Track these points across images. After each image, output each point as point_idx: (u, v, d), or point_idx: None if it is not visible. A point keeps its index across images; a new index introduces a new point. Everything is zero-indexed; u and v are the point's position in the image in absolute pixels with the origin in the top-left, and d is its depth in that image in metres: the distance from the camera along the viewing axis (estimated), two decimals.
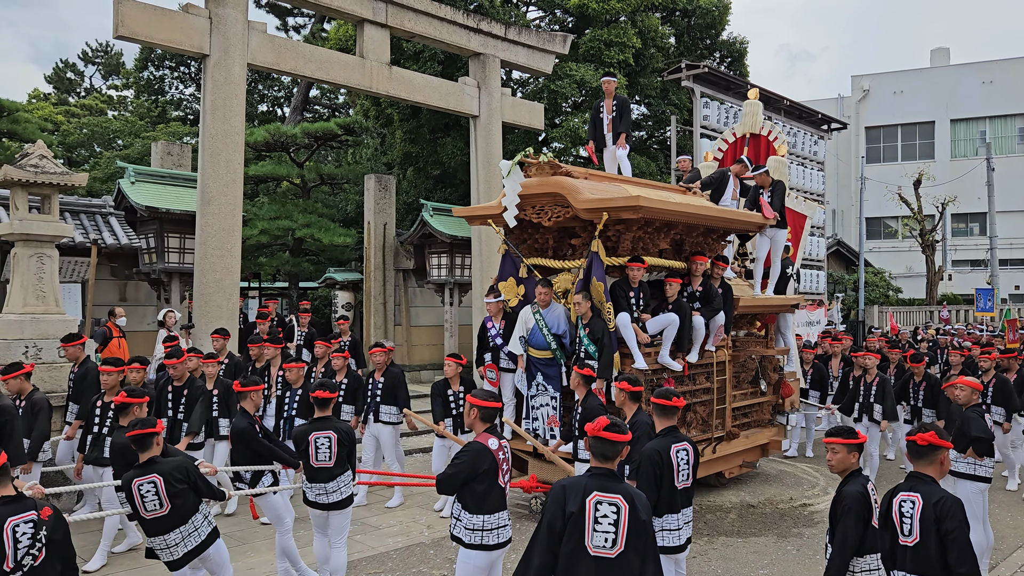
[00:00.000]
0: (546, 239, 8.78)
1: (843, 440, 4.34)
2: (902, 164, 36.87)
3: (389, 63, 13.89)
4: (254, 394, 6.31)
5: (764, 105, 17.15)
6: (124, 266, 14.97)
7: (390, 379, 8.68)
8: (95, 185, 22.27)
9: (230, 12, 11.60)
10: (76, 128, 29.59)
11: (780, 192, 10.26)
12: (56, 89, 39.08)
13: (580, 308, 7.74)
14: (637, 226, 8.08)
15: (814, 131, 19.16)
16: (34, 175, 9.22)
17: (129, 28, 10.75)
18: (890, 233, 38.08)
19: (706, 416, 8.98)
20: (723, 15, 23.34)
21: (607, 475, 3.82)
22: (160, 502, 4.90)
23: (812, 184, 18.66)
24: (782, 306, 10.54)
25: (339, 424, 5.98)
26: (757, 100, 13.15)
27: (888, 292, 29.19)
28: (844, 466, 4.35)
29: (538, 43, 16.32)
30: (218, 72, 11.55)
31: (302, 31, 29.50)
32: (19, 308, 9.24)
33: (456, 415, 8.21)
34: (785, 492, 9.52)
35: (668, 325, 8.15)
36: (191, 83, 30.56)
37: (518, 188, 8.13)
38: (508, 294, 8.68)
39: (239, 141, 11.85)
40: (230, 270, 11.69)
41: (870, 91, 38.57)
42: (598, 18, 20.65)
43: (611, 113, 10.37)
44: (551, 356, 8.04)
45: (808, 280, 18.40)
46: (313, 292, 22.72)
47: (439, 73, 18.30)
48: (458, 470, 4.68)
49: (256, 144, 18.74)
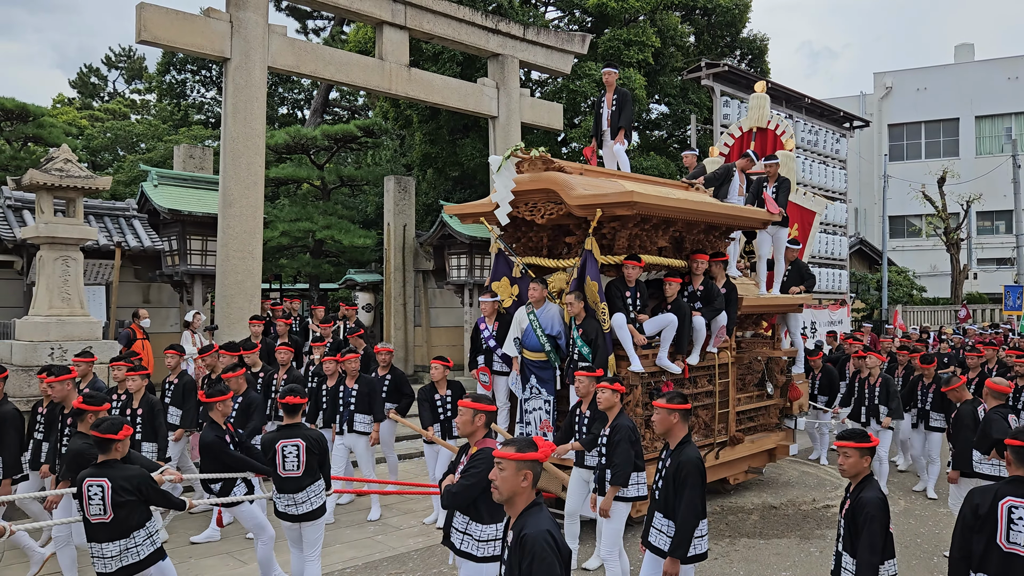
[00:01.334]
0: (540, 237, 8.49)
1: (856, 444, 4.27)
2: (926, 162, 36.44)
3: (408, 65, 13.93)
4: (221, 404, 6.10)
5: (785, 103, 17.03)
6: (147, 268, 15.12)
7: (364, 386, 8.25)
8: (119, 188, 22.50)
9: (250, 16, 11.69)
10: (100, 132, 29.93)
11: (786, 188, 9.90)
12: (80, 94, 39.56)
13: (573, 308, 7.44)
14: (633, 223, 7.74)
15: (836, 129, 18.98)
16: (59, 179, 9.34)
17: (151, 33, 10.87)
18: (914, 232, 37.64)
19: (708, 420, 8.67)
20: (743, 13, 23.19)
21: None
22: (104, 508, 4.73)
23: (834, 183, 18.49)
24: (789, 306, 10.15)
25: (309, 431, 5.73)
26: (764, 93, 12.61)
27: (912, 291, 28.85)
28: (856, 470, 4.29)
29: (557, 43, 16.31)
30: (239, 75, 11.64)
31: (322, 34, 29.67)
32: (45, 310, 9.36)
33: (444, 420, 7.93)
34: (808, 493, 9.44)
35: (666, 326, 7.82)
36: (212, 86, 30.83)
37: (511, 184, 7.82)
38: (502, 294, 8.38)
39: (260, 144, 11.93)
40: (251, 272, 11.77)
41: (893, 88, 38.16)
42: (617, 17, 20.60)
43: (611, 107, 9.92)
44: (545, 358, 7.75)
45: (830, 279, 18.22)
46: (333, 293, 22.83)
47: (458, 74, 18.34)
48: (475, 480, 4.44)
49: (277, 147, 18.88)
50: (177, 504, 5.28)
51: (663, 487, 4.92)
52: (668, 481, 4.87)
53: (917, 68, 38.57)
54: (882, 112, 38.10)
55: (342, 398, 8.29)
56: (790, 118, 17.07)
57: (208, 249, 14.03)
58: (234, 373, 7.45)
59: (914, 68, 38.66)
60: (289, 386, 5.85)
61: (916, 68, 38.58)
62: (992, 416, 6.64)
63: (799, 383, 10.32)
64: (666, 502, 4.89)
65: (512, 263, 8.36)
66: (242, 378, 7.65)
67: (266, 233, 14.56)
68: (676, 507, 4.81)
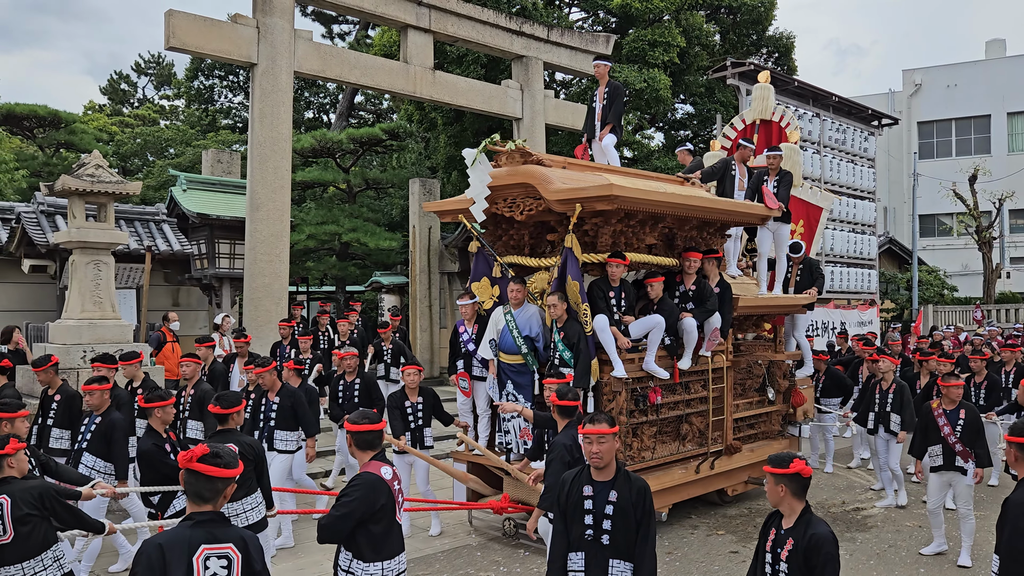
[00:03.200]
0: (522, 235, 8.04)
1: (773, 469, 3.77)
2: (956, 159, 35.88)
3: (432, 68, 13.99)
4: (160, 410, 5.76)
5: (812, 102, 16.84)
6: (177, 272, 15.32)
7: (287, 398, 7.34)
8: (148, 193, 22.84)
9: (277, 21, 11.80)
10: (130, 138, 30.39)
11: (787, 182, 9.35)
12: (111, 100, 40.20)
13: (555, 311, 6.99)
14: (616, 218, 7.25)
15: (864, 127, 18.73)
16: (90, 184, 9.49)
17: (180, 40, 11.02)
18: (945, 230, 37.07)
19: (703, 428, 8.16)
20: (769, 11, 23.02)
21: (212, 520, 3.07)
22: (3, 528, 4.31)
23: (862, 182, 18.26)
24: (791, 306, 9.51)
25: (243, 438, 5.30)
26: (768, 83, 11.90)
27: (943, 291, 28.43)
28: (776, 499, 3.78)
29: (581, 44, 16.29)
30: (266, 80, 11.76)
31: (347, 38, 29.88)
32: (77, 314, 9.51)
33: (414, 428, 7.52)
34: (836, 496, 9.33)
35: (653, 328, 7.30)
36: (240, 92, 31.17)
37: (487, 179, 7.37)
38: (482, 296, 7.93)
39: (286, 148, 12.04)
40: (279, 275, 11.88)
41: (922, 85, 37.63)
42: (642, 18, 20.53)
43: (602, 101, 9.41)
44: (522, 361, 7.32)
45: (859, 279, 18.00)
46: (360, 295, 22.98)
47: (482, 76, 18.38)
48: (350, 509, 3.81)
49: (303, 150, 19.04)
50: (94, 526, 4.80)
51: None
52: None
53: (947, 64, 38.00)
54: (911, 110, 37.59)
55: (262, 412, 7.44)
56: (817, 116, 16.89)
57: (236, 252, 14.19)
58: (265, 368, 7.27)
59: (944, 64, 38.09)
60: (219, 393, 5.59)
61: (946, 64, 38.01)
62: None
63: (803, 388, 9.72)
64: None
65: (492, 262, 7.96)
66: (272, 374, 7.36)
67: (293, 236, 14.70)
68: None
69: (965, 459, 6.94)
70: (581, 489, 4.02)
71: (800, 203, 11.76)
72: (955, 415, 7.07)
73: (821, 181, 16.77)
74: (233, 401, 5.40)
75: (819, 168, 16.72)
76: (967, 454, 6.94)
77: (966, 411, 7.07)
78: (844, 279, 17.40)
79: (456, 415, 8.12)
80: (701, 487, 8.14)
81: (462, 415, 8.03)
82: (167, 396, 5.93)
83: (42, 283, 14.06)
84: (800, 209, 11.83)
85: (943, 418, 7.07)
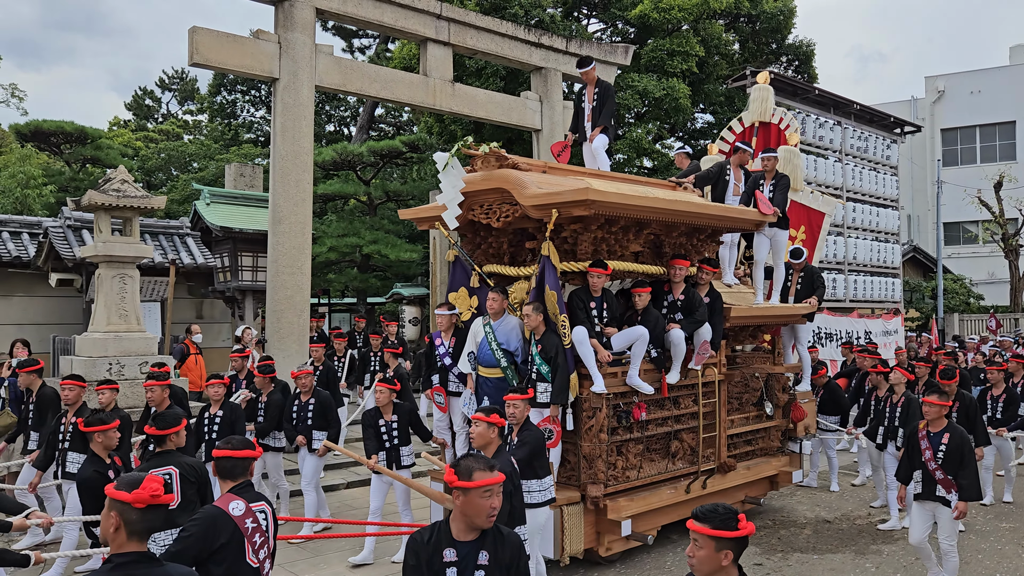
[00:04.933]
0: (501, 243, 7.64)
1: (711, 531, 2.91)
2: (981, 166, 35.47)
3: (452, 80, 14.08)
4: (101, 435, 5.47)
5: (833, 110, 16.75)
6: (200, 285, 15.47)
7: (229, 413, 7.29)
8: (172, 207, 23.12)
9: (298, 36, 11.94)
10: (154, 153, 30.82)
11: (784, 187, 8.93)
12: (135, 116, 40.80)
13: (530, 321, 6.62)
14: (596, 225, 6.87)
15: (887, 135, 18.60)
16: (116, 199, 9.63)
17: (203, 56, 11.17)
18: (970, 238, 36.64)
19: (695, 445, 7.68)
20: (788, 19, 22.94)
21: (135, 563, 2.78)
22: None
23: (885, 190, 18.12)
24: (789, 316, 8.96)
25: (184, 460, 5.01)
26: (767, 85, 11.35)
27: (969, 299, 28.08)
28: (710, 569, 2.94)
29: (599, 55, 16.32)
30: (287, 95, 11.89)
31: (367, 52, 30.15)
32: (103, 327, 9.63)
33: (389, 448, 7.16)
34: (862, 508, 9.22)
35: (636, 340, 6.90)
36: (262, 106, 31.52)
37: (459, 184, 7.04)
38: (460, 307, 7.56)
39: (308, 161, 12.15)
40: (301, 287, 11.97)
41: (945, 92, 37.29)
42: (660, 28, 20.54)
43: (592, 102, 8.99)
44: (501, 375, 6.91)
45: (883, 288, 17.83)
46: (380, 307, 23.08)
47: (501, 88, 18.46)
48: (184, 547, 3.51)
49: (324, 163, 19.20)
50: (15, 560, 4.54)
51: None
52: None
53: (970, 71, 37.63)
54: (935, 116, 37.24)
55: (206, 425, 7.46)
56: (838, 125, 16.79)
57: (259, 265, 14.33)
58: None
59: (968, 71, 37.73)
60: (156, 414, 5.28)
61: (969, 71, 37.64)
62: None
63: (804, 402, 9.18)
64: None
65: (471, 271, 7.59)
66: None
67: (314, 248, 14.81)
68: None
69: (947, 489, 6.14)
70: (441, 553, 3.20)
71: (801, 208, 11.32)
72: (938, 439, 6.23)
73: (843, 189, 16.66)
74: (171, 422, 5.02)
75: (841, 176, 16.61)
76: (949, 483, 6.14)
77: (951, 435, 6.22)
78: (867, 288, 17.23)
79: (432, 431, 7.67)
80: (693, 507, 7.70)
81: (439, 432, 7.62)
82: (109, 420, 5.68)
83: (69, 296, 14.26)
84: (801, 215, 11.36)
85: (925, 440, 6.31)
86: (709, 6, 20.33)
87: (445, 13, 13.70)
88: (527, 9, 19.05)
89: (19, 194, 20.60)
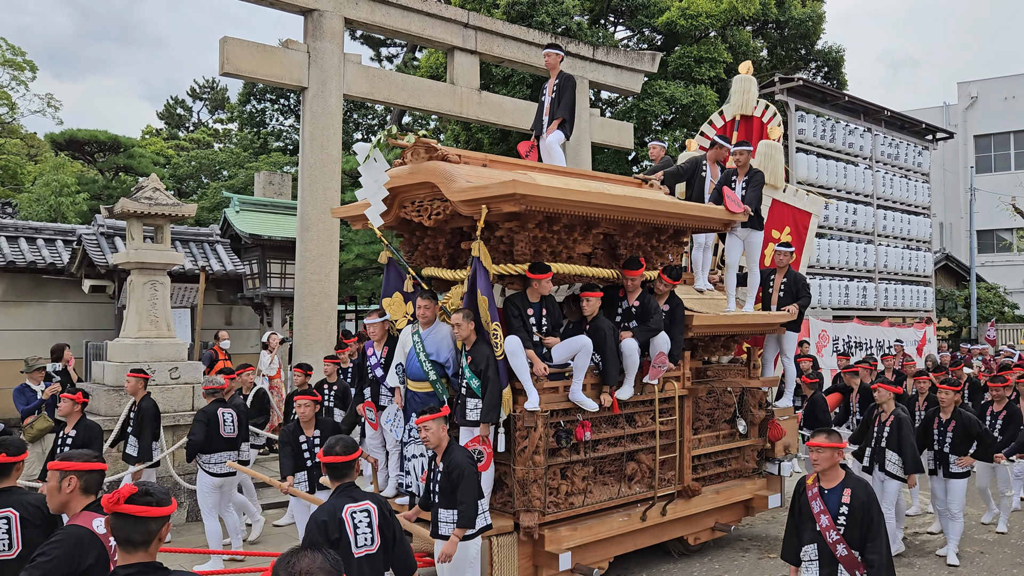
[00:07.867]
0: (438, 243, 6.94)
1: None
2: (1015, 173, 34.92)
3: (479, 88, 14.12)
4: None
5: (863, 116, 16.57)
6: (229, 291, 15.63)
7: (83, 432, 6.69)
8: (203, 215, 23.42)
9: (327, 46, 12.05)
10: (185, 161, 31.24)
11: (758, 183, 8.02)
12: (167, 124, 41.43)
13: (461, 331, 5.95)
14: (534, 223, 6.16)
15: (918, 142, 18.36)
16: (148, 207, 9.76)
17: (234, 65, 11.31)
18: (1004, 246, 36.02)
19: (652, 467, 6.85)
20: (817, 24, 22.76)
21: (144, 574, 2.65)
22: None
23: (917, 197, 17.89)
24: (764, 325, 8.12)
25: (26, 496, 3.93)
26: (750, 75, 10.56)
27: (1003, 308, 27.58)
28: None
29: (626, 63, 16.29)
30: (316, 103, 11.99)
31: (395, 60, 30.37)
32: (134, 333, 9.76)
33: (311, 467, 6.53)
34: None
35: (578, 351, 6.15)
36: (290, 115, 31.85)
37: (382, 178, 6.33)
38: (394, 313, 6.78)
39: (336, 169, 12.24)
40: (328, 294, 12.05)
41: (978, 97, 36.76)
42: (687, 35, 20.47)
43: (551, 94, 8.23)
44: (431, 390, 6.21)
45: (914, 296, 17.58)
46: None
47: (528, 96, 18.49)
48: (45, 571, 3.07)
49: (352, 171, 19.31)
50: None
51: None
52: None
53: (1004, 76, 37.07)
54: (967, 123, 36.72)
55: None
56: (869, 131, 16.61)
57: (287, 272, 14.45)
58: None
59: (1001, 76, 37.17)
60: None
61: (1003, 76, 37.08)
62: None
63: (784, 419, 8.30)
64: None
65: (404, 275, 6.87)
66: None
67: (342, 256, 14.90)
68: None
69: (851, 570, 4.51)
70: None
71: (785, 208, 10.56)
72: (835, 496, 4.60)
73: (874, 197, 16.47)
74: (19, 449, 4.01)
75: (871, 184, 16.43)
76: (854, 563, 4.50)
77: (852, 490, 4.57)
78: (898, 296, 17.01)
79: None
80: (652, 536, 6.94)
81: (371, 450, 6.83)
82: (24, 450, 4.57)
83: (101, 303, 14.48)
84: (785, 215, 10.60)
85: (817, 501, 4.62)
86: (737, 12, 20.24)
87: (472, 22, 13.76)
88: (554, 17, 19.08)
89: (53, 202, 20.98)
